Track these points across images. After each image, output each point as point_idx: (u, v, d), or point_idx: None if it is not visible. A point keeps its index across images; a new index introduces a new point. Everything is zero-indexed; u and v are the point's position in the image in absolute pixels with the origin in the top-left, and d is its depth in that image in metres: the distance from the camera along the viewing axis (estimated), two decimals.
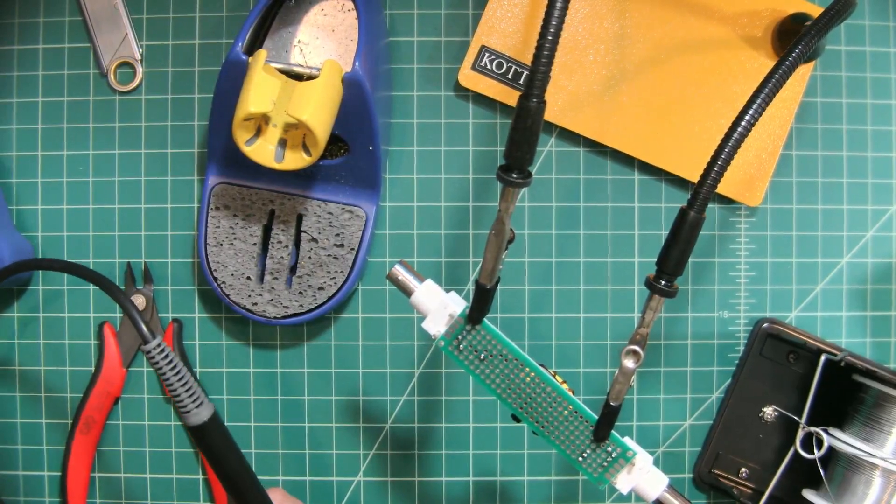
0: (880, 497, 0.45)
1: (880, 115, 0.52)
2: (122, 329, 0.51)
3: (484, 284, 0.38)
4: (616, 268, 0.51)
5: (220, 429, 0.38)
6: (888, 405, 0.45)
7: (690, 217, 0.36)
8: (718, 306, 0.52)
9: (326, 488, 0.52)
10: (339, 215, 0.48)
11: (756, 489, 0.50)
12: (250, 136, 0.43)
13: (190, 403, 0.37)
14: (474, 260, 0.52)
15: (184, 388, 0.37)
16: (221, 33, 0.51)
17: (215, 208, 0.48)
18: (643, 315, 0.37)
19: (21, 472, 0.52)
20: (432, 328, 0.40)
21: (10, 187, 0.52)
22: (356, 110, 0.45)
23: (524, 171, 0.35)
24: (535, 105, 0.33)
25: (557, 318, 0.51)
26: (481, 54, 0.50)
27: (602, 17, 0.50)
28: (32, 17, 0.51)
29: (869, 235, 0.52)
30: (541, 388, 0.39)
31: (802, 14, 0.48)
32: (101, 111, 0.51)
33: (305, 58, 0.48)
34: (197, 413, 0.37)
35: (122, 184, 0.52)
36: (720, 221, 0.52)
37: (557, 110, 0.50)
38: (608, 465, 0.40)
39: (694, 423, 0.52)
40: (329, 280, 0.48)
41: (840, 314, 0.52)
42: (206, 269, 0.48)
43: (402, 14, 0.51)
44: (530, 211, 0.51)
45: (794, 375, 0.50)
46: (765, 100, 0.36)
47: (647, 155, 0.50)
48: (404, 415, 0.52)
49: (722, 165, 0.36)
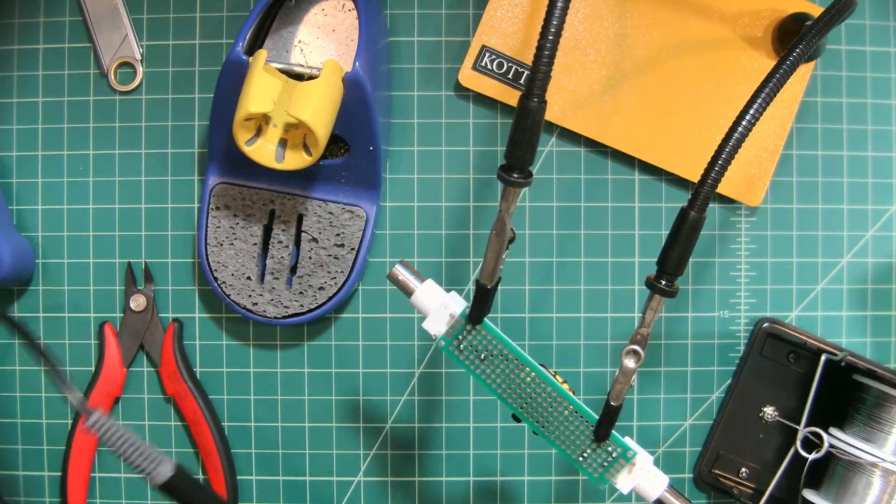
0: (880, 497, 0.45)
1: (880, 115, 0.52)
2: (122, 329, 0.51)
3: (484, 284, 0.38)
4: (616, 268, 0.51)
5: (186, 479, 0.37)
6: (888, 405, 0.45)
7: (691, 217, 0.36)
8: (719, 306, 0.52)
9: (326, 488, 0.52)
10: (339, 215, 0.48)
11: (756, 489, 0.50)
12: (251, 136, 0.43)
13: (149, 465, 0.36)
14: (474, 260, 0.52)
15: (138, 454, 0.36)
16: (222, 33, 0.51)
17: (216, 208, 0.48)
18: (644, 315, 0.37)
19: (21, 472, 0.52)
20: (433, 328, 0.40)
21: (10, 187, 0.52)
22: (356, 110, 0.45)
23: (525, 171, 0.35)
24: (535, 105, 0.33)
25: (558, 318, 0.52)
26: (482, 54, 0.50)
27: (602, 17, 0.50)
28: (32, 17, 0.51)
29: (869, 235, 0.52)
30: (541, 388, 0.39)
31: (802, 14, 0.48)
32: (102, 111, 0.51)
33: (306, 58, 0.48)
34: (159, 472, 0.36)
35: (122, 184, 0.52)
36: (720, 221, 0.52)
37: (558, 110, 0.50)
38: (608, 465, 0.40)
39: (694, 423, 0.52)
40: (329, 280, 0.48)
41: (840, 314, 0.52)
42: (206, 269, 0.48)
43: (403, 14, 0.51)
44: (531, 211, 0.51)
45: (794, 375, 0.50)
46: (765, 100, 0.36)
47: (648, 155, 0.50)
48: (404, 415, 0.52)
49: (722, 165, 0.36)
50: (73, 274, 0.51)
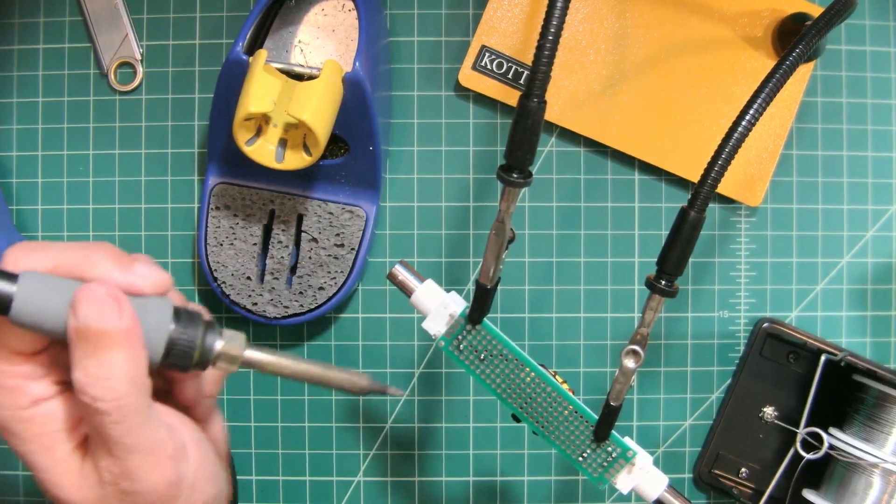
0: (880, 497, 0.45)
1: (880, 115, 0.52)
2: None
3: (484, 284, 0.38)
4: (616, 268, 0.51)
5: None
6: (888, 405, 0.45)
7: (691, 217, 0.36)
8: (718, 306, 0.52)
9: (326, 488, 0.52)
10: (339, 215, 0.48)
11: (756, 489, 0.50)
12: (251, 136, 0.43)
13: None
14: (474, 260, 0.52)
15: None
16: (222, 33, 0.51)
17: (215, 208, 0.48)
18: (643, 315, 0.37)
19: (21, 472, 0.52)
20: (432, 328, 0.40)
21: (10, 187, 0.52)
22: (356, 110, 0.45)
23: (525, 171, 0.35)
24: (535, 105, 0.33)
25: (557, 318, 0.51)
26: (481, 54, 0.50)
27: (602, 17, 0.50)
28: (33, 17, 0.51)
29: (869, 235, 0.52)
30: (541, 388, 0.39)
31: (802, 14, 0.48)
32: (102, 111, 0.51)
33: (306, 58, 0.48)
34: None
35: (122, 184, 0.52)
36: (720, 221, 0.52)
37: (558, 110, 0.50)
38: (608, 465, 0.40)
39: (694, 423, 0.52)
40: (329, 280, 0.48)
41: (840, 314, 0.52)
42: (206, 269, 0.48)
43: (402, 14, 0.51)
44: (530, 211, 0.51)
45: (794, 375, 0.50)
46: (765, 100, 0.36)
47: (648, 155, 0.50)
48: (404, 415, 0.52)
49: (722, 165, 0.36)
50: None
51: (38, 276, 0.28)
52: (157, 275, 0.30)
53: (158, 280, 0.30)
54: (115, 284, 0.29)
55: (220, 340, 0.31)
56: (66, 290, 0.28)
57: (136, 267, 0.30)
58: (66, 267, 0.29)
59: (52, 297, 0.28)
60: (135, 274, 0.30)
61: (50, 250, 0.29)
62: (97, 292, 0.28)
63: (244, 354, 0.32)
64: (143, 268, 0.30)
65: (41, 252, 0.29)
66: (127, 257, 0.30)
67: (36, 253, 0.29)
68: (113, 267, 0.30)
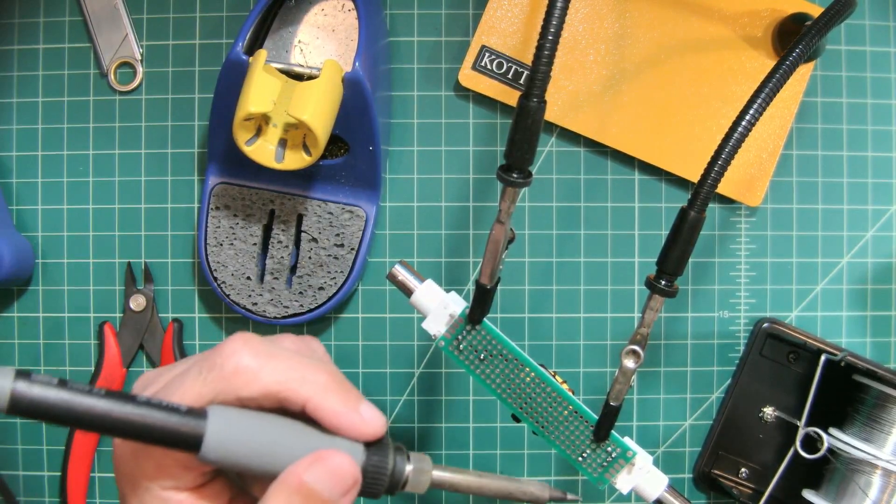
0: (880, 497, 0.45)
1: (880, 115, 0.52)
2: (122, 329, 0.51)
3: (484, 284, 0.38)
4: (616, 268, 0.51)
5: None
6: (888, 405, 0.45)
7: (691, 217, 0.36)
8: (718, 306, 0.52)
9: None
10: (339, 215, 0.48)
11: (756, 489, 0.50)
12: (250, 136, 0.43)
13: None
14: (474, 260, 0.52)
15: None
16: (221, 33, 0.51)
17: (215, 208, 0.48)
18: (643, 315, 0.37)
19: (21, 473, 0.52)
20: (432, 328, 0.40)
21: (10, 187, 0.52)
22: (356, 110, 0.45)
23: (524, 171, 0.35)
24: (535, 105, 0.33)
25: (557, 318, 0.51)
26: (481, 54, 0.50)
27: (602, 17, 0.50)
28: (32, 17, 0.51)
29: (869, 235, 0.52)
30: (541, 388, 0.39)
31: (802, 14, 0.48)
32: (102, 111, 0.51)
33: (306, 58, 0.48)
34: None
35: (122, 184, 0.52)
36: (720, 221, 0.52)
37: (557, 110, 0.50)
38: (608, 465, 0.40)
39: (694, 423, 0.52)
40: (329, 280, 0.48)
41: (840, 314, 0.52)
42: (206, 269, 0.48)
43: (402, 14, 0.51)
44: (530, 211, 0.51)
45: (794, 375, 0.50)
46: (765, 100, 0.36)
47: (647, 155, 0.50)
48: (404, 415, 0.52)
49: (722, 165, 0.36)
50: (73, 274, 0.51)
51: (226, 413, 0.27)
52: (381, 420, 0.29)
53: (381, 425, 0.29)
54: (336, 424, 0.27)
55: (409, 465, 0.31)
56: (257, 428, 0.27)
57: (362, 408, 0.28)
58: (278, 385, 0.27)
59: (242, 436, 0.27)
60: (361, 416, 0.28)
61: (272, 363, 0.27)
62: (343, 467, 0.27)
63: (432, 476, 0.32)
64: (369, 411, 0.28)
65: (271, 360, 0.27)
66: (353, 391, 0.29)
67: (269, 362, 0.27)
68: (339, 402, 0.28)
